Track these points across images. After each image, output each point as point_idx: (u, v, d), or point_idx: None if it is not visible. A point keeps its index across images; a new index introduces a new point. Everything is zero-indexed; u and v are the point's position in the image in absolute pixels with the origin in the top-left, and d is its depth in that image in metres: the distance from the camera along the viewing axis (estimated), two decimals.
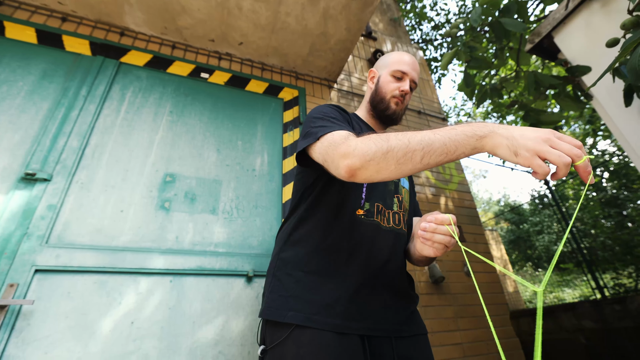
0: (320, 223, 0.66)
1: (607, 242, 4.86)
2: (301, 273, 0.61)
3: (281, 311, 0.57)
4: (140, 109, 1.39)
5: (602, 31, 1.47)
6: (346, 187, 0.68)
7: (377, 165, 0.48)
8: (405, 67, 0.80)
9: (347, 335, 0.55)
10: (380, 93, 0.82)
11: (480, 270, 1.80)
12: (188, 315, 1.04)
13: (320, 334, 0.53)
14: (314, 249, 0.64)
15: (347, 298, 0.58)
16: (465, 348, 1.49)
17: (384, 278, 0.65)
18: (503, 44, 1.54)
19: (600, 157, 6.44)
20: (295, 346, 0.52)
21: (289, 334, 0.54)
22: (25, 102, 1.21)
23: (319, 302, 0.57)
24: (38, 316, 0.90)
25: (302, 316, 0.55)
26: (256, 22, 1.59)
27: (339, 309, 0.57)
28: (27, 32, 1.37)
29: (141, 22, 1.57)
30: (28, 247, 0.97)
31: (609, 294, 3.36)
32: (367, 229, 0.66)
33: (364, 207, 0.67)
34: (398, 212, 0.72)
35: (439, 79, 5.01)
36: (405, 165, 0.47)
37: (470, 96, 1.54)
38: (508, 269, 5.86)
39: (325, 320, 0.54)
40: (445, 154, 0.45)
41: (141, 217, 1.16)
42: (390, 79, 0.81)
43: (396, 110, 0.81)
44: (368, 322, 0.58)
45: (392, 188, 0.74)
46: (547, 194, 4.03)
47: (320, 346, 0.52)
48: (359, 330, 0.57)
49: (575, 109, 1.45)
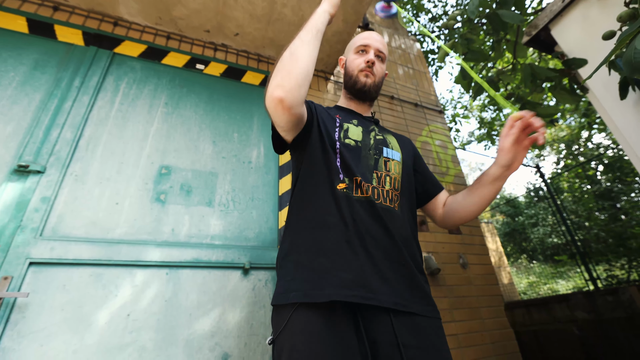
0: (307, 204, 0.68)
1: (600, 235, 4.94)
2: (297, 255, 0.63)
3: (285, 294, 0.60)
4: (135, 101, 1.37)
5: (599, 23, 1.47)
6: (323, 163, 0.70)
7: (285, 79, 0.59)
8: (366, 40, 0.84)
9: (335, 313, 0.55)
10: (348, 72, 0.84)
11: (475, 262, 1.82)
12: (184, 307, 1.04)
13: (313, 317, 0.54)
14: (306, 230, 0.65)
15: (338, 268, 0.58)
16: (460, 339, 1.51)
17: (379, 251, 0.62)
18: (500, 36, 1.53)
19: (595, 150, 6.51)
20: (290, 336, 0.55)
21: (288, 319, 0.56)
22: (17, 93, 1.19)
23: (313, 277, 0.58)
24: (33, 309, 0.89)
25: (299, 294, 0.57)
26: (252, 13, 1.57)
27: (330, 278, 0.57)
28: (18, 21, 1.34)
29: (135, 12, 1.54)
30: (22, 240, 0.96)
31: (602, 285, 3.42)
32: (350, 203, 0.65)
33: (345, 181, 0.67)
34: (377, 188, 0.69)
35: (436, 71, 5.00)
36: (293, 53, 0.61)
37: (467, 89, 1.53)
38: (503, 261, 5.92)
39: (319, 293, 0.55)
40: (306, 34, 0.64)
41: (137, 210, 1.15)
42: (355, 57, 0.84)
43: (366, 82, 0.81)
44: (362, 290, 0.56)
45: (371, 163, 0.72)
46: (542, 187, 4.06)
47: (311, 334, 0.53)
48: (353, 297, 0.55)
49: (571, 102, 1.46)
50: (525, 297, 5.95)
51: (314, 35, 0.65)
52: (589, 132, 5.98)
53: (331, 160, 0.69)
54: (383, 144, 0.78)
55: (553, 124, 1.50)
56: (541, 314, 3.06)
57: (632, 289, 2.47)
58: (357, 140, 0.75)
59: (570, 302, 2.84)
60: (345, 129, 0.76)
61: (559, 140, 8.41)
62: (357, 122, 0.81)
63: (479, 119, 6.02)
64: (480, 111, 5.98)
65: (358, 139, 0.76)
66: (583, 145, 7.29)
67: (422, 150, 2.12)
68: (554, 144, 8.82)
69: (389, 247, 0.63)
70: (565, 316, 2.83)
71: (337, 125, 0.76)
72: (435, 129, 2.31)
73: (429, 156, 2.13)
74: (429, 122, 2.32)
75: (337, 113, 0.81)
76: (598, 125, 5.21)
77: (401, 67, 2.57)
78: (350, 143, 0.74)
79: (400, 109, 2.25)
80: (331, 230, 0.62)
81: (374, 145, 0.76)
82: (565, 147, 7.91)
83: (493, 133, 5.54)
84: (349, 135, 0.75)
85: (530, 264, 7.85)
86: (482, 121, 5.88)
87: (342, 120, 0.78)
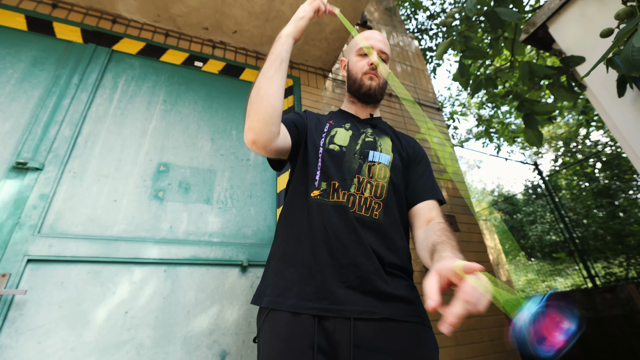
0: (286, 213, 0.72)
1: (598, 232, 4.95)
2: (274, 262, 0.67)
3: (260, 298, 0.65)
4: (134, 98, 1.37)
5: (597, 21, 1.47)
6: (302, 172, 0.71)
7: (254, 117, 0.62)
8: (368, 42, 0.82)
9: (299, 316, 0.57)
10: (352, 75, 0.83)
11: (473, 260, 1.82)
12: (182, 304, 1.04)
13: (279, 317, 0.58)
14: (284, 237, 0.68)
15: (303, 280, 0.60)
16: (458, 337, 1.51)
17: (347, 259, 0.61)
18: (498, 33, 1.54)
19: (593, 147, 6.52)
20: (263, 333, 0.60)
21: (263, 320, 0.61)
22: (15, 90, 1.19)
23: (281, 285, 0.61)
24: (31, 306, 0.89)
25: (269, 300, 0.61)
26: (250, 11, 1.57)
27: (295, 290, 0.60)
28: (16, 18, 1.34)
29: (134, 10, 1.54)
30: (20, 237, 0.96)
31: (600, 283, 3.43)
32: (323, 209, 0.65)
33: (320, 187, 0.67)
34: (354, 195, 0.67)
35: (434, 68, 5.00)
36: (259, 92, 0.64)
37: (465, 86, 1.54)
38: (501, 259, 5.93)
39: (284, 302, 0.59)
40: (269, 66, 0.66)
41: (135, 207, 1.15)
42: (357, 59, 0.82)
43: (371, 85, 0.80)
44: (324, 302, 0.58)
45: (354, 167, 0.70)
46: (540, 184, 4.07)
47: (276, 331, 0.57)
48: (312, 310, 0.57)
49: (569, 100, 1.46)
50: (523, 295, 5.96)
51: (278, 66, 0.66)
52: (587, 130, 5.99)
53: (310, 168, 0.70)
54: (371, 147, 0.75)
55: (551, 122, 1.51)
56: None
57: (631, 286, 2.48)
58: (342, 145, 0.74)
59: (569, 299, 2.85)
60: (333, 134, 0.76)
61: (557, 137, 8.42)
62: (350, 125, 0.80)
63: (477, 116, 6.04)
64: (478, 109, 5.99)
65: (343, 144, 0.74)
66: (581, 142, 7.30)
67: None
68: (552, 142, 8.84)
69: (359, 254, 0.61)
70: None
71: (325, 131, 0.77)
72: (433, 126, 2.31)
73: (427, 153, 2.13)
74: (427, 119, 2.32)
75: (331, 119, 0.81)
76: (596, 122, 5.22)
77: (399, 65, 2.57)
78: (334, 148, 0.73)
79: (399, 106, 2.25)
80: (301, 242, 0.64)
81: (359, 150, 0.74)
82: (563, 144, 7.92)
83: (491, 130, 5.55)
84: (335, 141, 0.75)
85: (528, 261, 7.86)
86: (480, 118, 5.90)
87: (333, 126, 0.78)
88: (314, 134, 0.76)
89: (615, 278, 4.02)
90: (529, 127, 1.49)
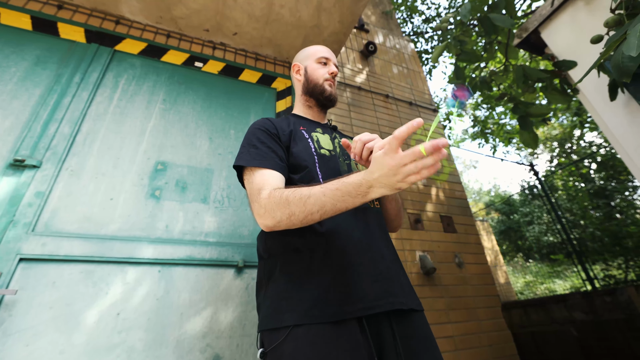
0: None
1: (596, 234, 4.94)
2: (287, 274, 0.62)
3: (277, 316, 0.57)
4: (134, 97, 1.37)
5: (587, 27, 1.51)
6: (306, 179, 0.70)
7: (286, 224, 0.58)
8: (327, 54, 0.90)
9: (344, 324, 0.54)
10: (312, 80, 0.87)
11: (471, 261, 1.82)
12: (176, 306, 1.02)
13: (314, 332, 0.53)
14: (293, 247, 0.64)
15: (335, 284, 0.58)
16: (457, 341, 1.49)
17: (367, 255, 0.63)
18: (492, 38, 1.57)
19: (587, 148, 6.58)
20: (293, 341, 0.53)
21: (282, 342, 0.54)
22: (17, 88, 1.19)
23: (309, 296, 0.57)
24: (21, 306, 0.87)
25: (297, 315, 0.55)
26: (251, 13, 1.60)
27: (330, 296, 0.57)
28: (22, 18, 1.35)
29: (137, 11, 1.56)
30: (13, 235, 0.94)
31: (599, 285, 3.41)
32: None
33: None
34: None
35: (430, 70, 5.09)
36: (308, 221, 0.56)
37: None
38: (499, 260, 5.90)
39: (321, 313, 0.55)
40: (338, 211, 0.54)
41: (131, 205, 1.14)
42: (317, 66, 0.88)
43: (332, 92, 0.86)
44: (363, 302, 0.57)
45: (345, 169, 0.75)
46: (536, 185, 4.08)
47: (316, 335, 0.53)
48: (355, 312, 0.55)
49: (562, 102, 1.49)
50: (522, 297, 5.91)
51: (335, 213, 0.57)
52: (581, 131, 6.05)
53: (310, 176, 0.69)
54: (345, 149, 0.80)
55: (546, 123, 1.53)
56: (539, 315, 3.04)
57: (630, 289, 2.47)
58: (329, 149, 0.78)
59: (568, 302, 2.83)
60: (316, 139, 0.78)
61: (551, 138, 8.51)
62: (322, 130, 0.83)
63: (472, 117, 6.12)
64: (474, 110, 6.08)
65: (330, 148, 0.78)
66: (576, 143, 7.38)
67: None
68: (547, 142, 8.92)
69: (381, 247, 0.67)
70: (563, 317, 2.82)
71: (307, 137, 0.78)
72: (429, 127, 2.33)
73: None
74: (423, 120, 2.34)
75: (299, 124, 0.81)
76: (590, 124, 5.29)
77: (396, 67, 2.61)
78: (325, 153, 0.76)
79: (395, 107, 2.28)
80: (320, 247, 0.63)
81: (341, 152, 0.80)
82: (558, 145, 8.00)
83: (487, 131, 5.62)
84: (322, 145, 0.78)
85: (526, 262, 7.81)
86: (475, 119, 5.97)
87: (309, 131, 0.80)
88: (298, 142, 0.75)
89: (614, 280, 4.01)
90: (524, 128, 1.51)
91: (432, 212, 1.87)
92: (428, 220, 1.82)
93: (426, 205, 1.89)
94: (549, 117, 2.10)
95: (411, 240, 1.70)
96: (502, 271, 5.71)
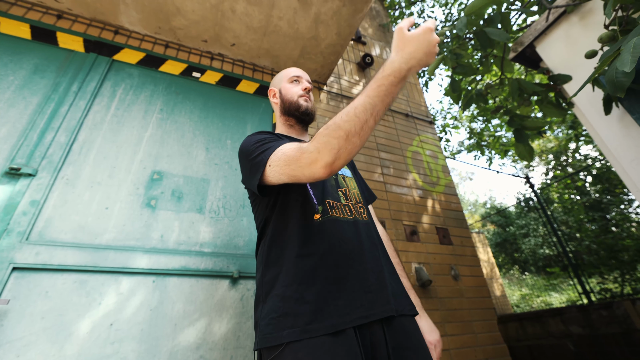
0: (290, 238, 0.69)
1: (592, 247, 4.94)
2: (285, 290, 0.61)
3: (275, 334, 0.56)
4: (131, 106, 1.39)
5: (581, 42, 1.53)
6: (299, 198, 0.71)
7: (347, 150, 0.53)
8: (298, 72, 0.93)
9: (342, 334, 0.56)
10: (287, 99, 0.90)
11: (467, 274, 1.81)
12: (170, 317, 1.02)
13: (313, 345, 0.54)
14: (291, 263, 0.64)
15: (334, 296, 0.59)
16: (452, 354, 1.48)
17: (359, 267, 0.65)
18: (488, 52, 1.59)
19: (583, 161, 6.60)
20: (292, 353, 0.53)
21: (287, 348, 0.54)
22: (14, 96, 1.20)
23: (308, 310, 0.57)
24: (12, 317, 0.86)
25: (297, 330, 0.55)
26: (249, 25, 1.62)
27: (330, 308, 0.58)
28: (21, 27, 1.37)
29: (136, 22, 1.58)
30: (7, 244, 0.94)
31: (596, 298, 3.40)
32: (329, 227, 0.68)
33: (319, 211, 0.70)
34: (347, 204, 0.75)
35: (426, 83, 5.14)
36: (366, 133, 0.54)
37: (456, 101, 1.58)
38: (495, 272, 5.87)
39: (320, 326, 0.55)
40: (387, 105, 0.55)
41: (126, 215, 1.15)
42: (290, 85, 0.91)
43: (308, 107, 0.89)
44: (360, 311, 0.59)
45: (333, 183, 0.78)
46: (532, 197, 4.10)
47: (316, 346, 0.53)
48: (354, 321, 0.57)
49: (557, 116, 1.50)
50: (518, 310, 5.87)
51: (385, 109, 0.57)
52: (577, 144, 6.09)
53: (301, 192, 0.71)
54: None
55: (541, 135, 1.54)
56: (535, 328, 3.01)
57: (627, 303, 2.46)
58: None
59: (565, 316, 2.81)
60: None
61: (547, 151, 8.54)
62: None
63: (468, 129, 6.15)
64: (470, 122, 6.11)
65: None
66: (571, 156, 7.40)
67: (413, 160, 2.15)
68: (543, 155, 8.95)
69: (375, 257, 0.69)
70: (560, 331, 2.80)
71: None
72: (425, 139, 2.35)
73: (420, 166, 2.15)
74: (419, 132, 2.37)
75: (286, 139, 0.83)
76: (585, 137, 5.32)
77: None
78: None
79: (392, 119, 2.30)
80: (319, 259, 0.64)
81: None
82: (554, 158, 8.02)
83: (483, 143, 5.65)
84: None
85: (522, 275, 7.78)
86: (471, 131, 6.00)
87: None
88: None
89: (610, 294, 3.99)
90: (520, 141, 1.52)
91: (428, 224, 1.88)
92: (424, 232, 1.82)
93: (422, 217, 1.89)
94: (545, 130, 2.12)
95: (407, 252, 1.70)
96: (498, 284, 5.68)
